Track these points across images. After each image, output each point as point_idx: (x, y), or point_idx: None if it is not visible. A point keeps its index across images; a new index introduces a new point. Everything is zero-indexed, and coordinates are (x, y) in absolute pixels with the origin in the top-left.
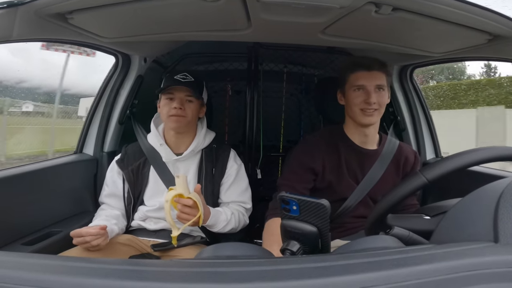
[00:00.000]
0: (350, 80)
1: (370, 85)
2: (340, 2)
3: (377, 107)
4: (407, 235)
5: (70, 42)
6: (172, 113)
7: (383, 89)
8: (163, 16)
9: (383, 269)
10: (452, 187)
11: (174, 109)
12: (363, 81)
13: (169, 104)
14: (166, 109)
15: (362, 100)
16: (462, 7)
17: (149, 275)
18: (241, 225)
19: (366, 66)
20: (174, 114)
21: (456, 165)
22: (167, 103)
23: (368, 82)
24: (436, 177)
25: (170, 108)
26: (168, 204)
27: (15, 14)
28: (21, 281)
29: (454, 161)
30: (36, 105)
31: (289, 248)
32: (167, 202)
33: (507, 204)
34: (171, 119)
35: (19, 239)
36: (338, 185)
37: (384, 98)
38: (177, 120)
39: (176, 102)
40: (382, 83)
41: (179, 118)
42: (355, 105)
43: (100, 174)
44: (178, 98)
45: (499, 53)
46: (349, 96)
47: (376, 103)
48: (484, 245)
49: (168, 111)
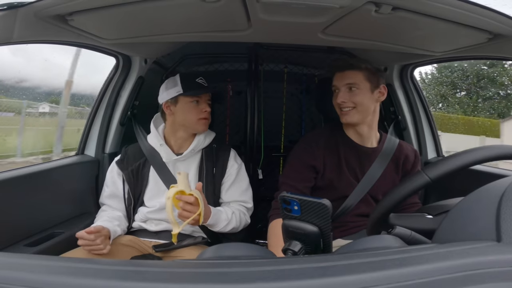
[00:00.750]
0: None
1: (340, 85)
2: (340, 2)
3: (352, 105)
4: (409, 234)
5: (70, 43)
6: (203, 116)
7: (355, 87)
8: (163, 17)
9: (385, 269)
10: (454, 186)
11: (205, 112)
12: (335, 82)
13: (196, 107)
14: (195, 113)
15: (336, 101)
16: (462, 6)
17: (151, 276)
18: (242, 224)
19: (337, 67)
20: (205, 117)
21: (459, 164)
22: (194, 107)
23: (339, 82)
24: (439, 176)
25: (199, 112)
26: (169, 201)
27: (15, 16)
28: (24, 282)
29: (457, 160)
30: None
31: (291, 248)
32: (169, 199)
33: (509, 203)
34: (201, 122)
35: (21, 240)
36: (339, 183)
37: (358, 96)
38: (206, 123)
39: (204, 105)
40: (353, 82)
41: (207, 121)
42: (335, 106)
43: (102, 175)
44: (204, 101)
45: (499, 52)
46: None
47: (348, 102)
48: (486, 244)
49: (198, 114)
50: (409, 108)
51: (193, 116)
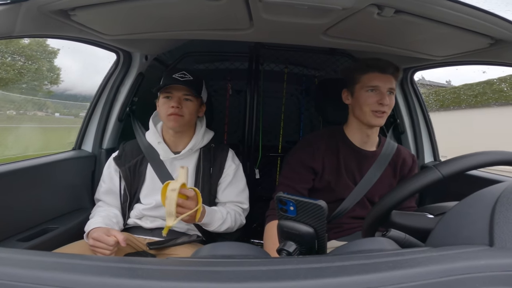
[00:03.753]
0: (363, 80)
1: (384, 87)
2: (343, 3)
3: (387, 109)
4: (403, 237)
5: (72, 38)
6: (170, 112)
7: (393, 93)
8: (165, 14)
9: (378, 271)
10: (449, 190)
11: (172, 108)
12: (377, 83)
13: (167, 103)
14: (165, 108)
15: (374, 101)
16: (464, 11)
17: (144, 273)
18: (237, 225)
19: (381, 68)
20: (172, 113)
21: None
22: (165, 102)
23: (383, 84)
24: (452, 173)
25: (168, 107)
26: (175, 193)
27: (18, 10)
28: (15, 277)
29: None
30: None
31: (286, 248)
32: (174, 191)
33: (503, 209)
34: (169, 118)
35: (14, 235)
36: (336, 186)
37: (393, 102)
38: (175, 119)
39: (174, 101)
40: (393, 87)
41: (176, 117)
42: (367, 106)
43: (98, 171)
44: (176, 97)
45: (500, 58)
46: (360, 96)
47: (387, 106)
48: (479, 249)
49: (166, 110)
50: (407, 112)
51: (163, 112)
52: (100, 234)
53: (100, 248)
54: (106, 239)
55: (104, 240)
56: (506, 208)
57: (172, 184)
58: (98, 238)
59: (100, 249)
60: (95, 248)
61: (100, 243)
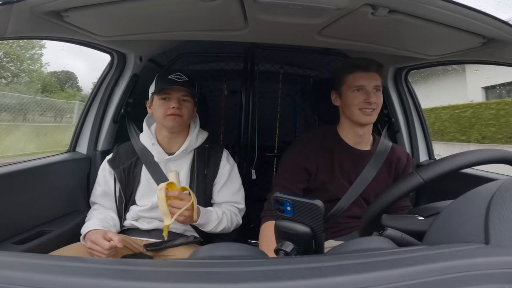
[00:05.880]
0: (348, 81)
1: (370, 85)
2: (337, 3)
3: (375, 107)
4: (400, 236)
5: (65, 40)
6: (170, 112)
7: (379, 90)
8: (159, 15)
9: (376, 270)
10: (444, 189)
11: (172, 109)
12: (362, 82)
13: (165, 104)
14: (162, 109)
15: (361, 100)
16: (457, 10)
17: (141, 274)
18: (233, 225)
19: (364, 67)
20: (172, 113)
21: (453, 166)
22: (163, 103)
23: (367, 82)
24: (432, 177)
25: (167, 108)
26: (162, 192)
27: (9, 11)
28: (10, 280)
29: (450, 162)
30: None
31: (283, 248)
32: (161, 190)
33: (497, 207)
34: (168, 118)
35: (9, 238)
36: (330, 186)
37: (381, 98)
38: (174, 119)
39: (174, 102)
40: (379, 84)
41: (176, 117)
42: (354, 105)
43: (93, 173)
44: (175, 98)
45: (493, 57)
46: (347, 97)
47: (375, 103)
48: (475, 247)
49: (165, 110)
50: (402, 111)
51: (161, 112)
52: (98, 237)
53: (96, 251)
54: (102, 243)
55: (100, 244)
56: (500, 206)
57: (161, 183)
58: (96, 241)
59: (97, 252)
60: (93, 251)
61: (97, 246)
